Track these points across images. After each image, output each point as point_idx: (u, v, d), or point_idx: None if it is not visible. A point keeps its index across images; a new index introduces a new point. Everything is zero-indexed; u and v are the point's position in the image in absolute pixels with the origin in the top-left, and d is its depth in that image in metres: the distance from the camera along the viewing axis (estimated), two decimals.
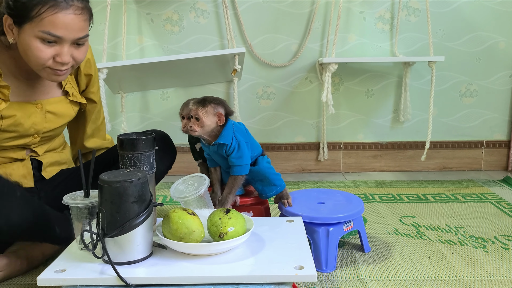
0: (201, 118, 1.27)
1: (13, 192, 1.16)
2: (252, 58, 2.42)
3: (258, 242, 1.10)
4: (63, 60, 1.14)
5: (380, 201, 2.01)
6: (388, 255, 1.45)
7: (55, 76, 1.18)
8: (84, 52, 1.20)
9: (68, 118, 1.39)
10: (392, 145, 2.54)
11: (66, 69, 1.18)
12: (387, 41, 2.43)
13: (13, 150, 1.32)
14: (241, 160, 1.33)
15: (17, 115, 1.25)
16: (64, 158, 1.49)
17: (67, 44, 1.14)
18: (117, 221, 0.95)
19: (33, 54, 1.13)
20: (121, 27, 2.32)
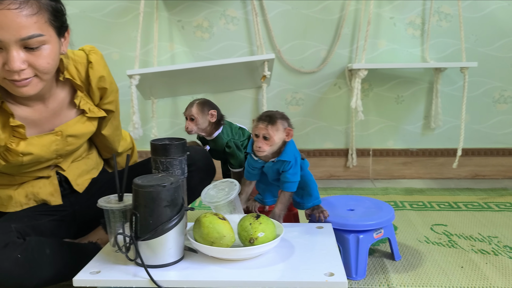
0: (272, 137, 1.21)
1: (43, 252, 1.13)
2: (281, 64, 2.43)
3: (287, 248, 1.10)
4: (12, 67, 0.97)
5: (411, 208, 1.98)
6: (419, 263, 1.43)
7: (17, 88, 1.02)
8: (44, 58, 1.01)
9: (89, 135, 1.33)
10: (422, 152, 2.50)
11: (25, 78, 1.00)
12: (417, 47, 2.40)
13: (39, 171, 1.28)
14: (295, 176, 1.29)
15: (36, 152, 1.19)
16: (90, 164, 1.43)
17: (13, 48, 0.97)
18: (150, 225, 0.97)
19: None
20: (152, 34, 2.36)
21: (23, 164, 1.20)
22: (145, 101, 2.45)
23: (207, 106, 1.47)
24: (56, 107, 1.21)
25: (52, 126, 1.22)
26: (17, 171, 1.24)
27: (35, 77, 1.03)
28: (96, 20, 2.36)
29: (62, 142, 1.24)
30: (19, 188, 1.28)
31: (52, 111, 1.21)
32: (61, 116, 1.23)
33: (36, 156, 1.20)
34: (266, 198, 1.41)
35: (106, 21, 2.38)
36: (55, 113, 1.22)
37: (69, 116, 1.25)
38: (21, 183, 1.28)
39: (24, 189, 1.28)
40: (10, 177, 1.27)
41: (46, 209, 1.31)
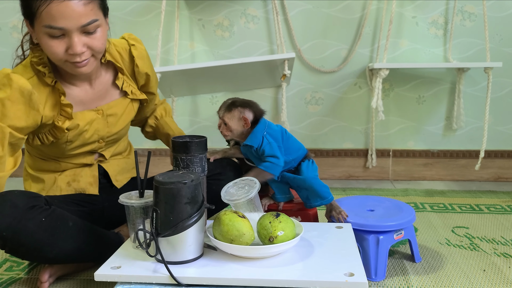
0: (228, 123, 1.31)
1: (66, 223, 1.19)
2: (301, 63, 2.42)
3: (307, 247, 1.09)
4: (75, 51, 1.09)
5: (431, 210, 1.95)
6: (439, 266, 1.41)
7: (77, 68, 1.15)
8: (99, 39, 1.14)
9: (129, 118, 1.41)
10: (444, 153, 2.47)
11: (84, 59, 1.14)
12: (440, 47, 2.36)
13: (82, 156, 1.37)
14: (273, 158, 1.31)
15: (80, 124, 1.27)
16: (130, 163, 1.51)
17: (75, 34, 1.09)
18: (171, 221, 0.98)
19: (48, 51, 1.12)
20: (173, 32, 2.38)
21: (68, 141, 1.27)
22: (165, 99, 2.46)
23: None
24: (101, 89, 1.31)
25: (97, 105, 1.32)
26: (63, 153, 1.31)
27: (91, 57, 1.16)
28: (118, 18, 2.38)
29: (102, 122, 1.32)
30: (62, 174, 1.36)
31: (97, 92, 1.31)
32: (106, 97, 1.33)
33: (79, 131, 1.28)
34: (278, 195, 1.41)
35: (128, 19, 2.40)
36: (100, 94, 1.31)
37: (112, 97, 1.35)
38: (65, 169, 1.37)
39: (67, 176, 1.37)
40: (56, 163, 1.35)
41: (78, 199, 1.37)
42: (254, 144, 1.30)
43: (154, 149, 2.54)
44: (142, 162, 2.12)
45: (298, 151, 1.40)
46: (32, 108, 1.16)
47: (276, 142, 1.32)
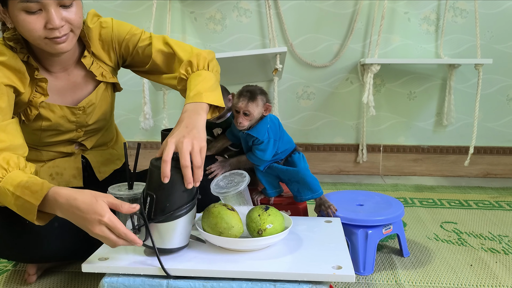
0: (252, 113, 1.28)
1: (51, 224, 1.12)
2: (293, 57, 2.42)
3: (295, 240, 1.10)
4: (54, 24, 1.05)
5: (420, 205, 1.96)
6: (427, 260, 1.42)
7: (56, 45, 1.09)
8: (76, 13, 1.10)
9: (106, 106, 1.34)
10: (434, 149, 2.48)
11: (64, 35, 1.09)
12: (432, 43, 2.37)
13: (62, 144, 1.33)
14: (263, 154, 1.33)
15: (56, 119, 1.24)
16: (115, 154, 1.48)
17: (52, 7, 1.05)
18: (166, 208, 0.96)
19: (25, 28, 1.06)
20: (165, 25, 2.36)
21: (42, 129, 1.23)
22: (156, 92, 2.45)
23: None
24: (76, 78, 1.26)
25: (73, 97, 1.27)
26: (39, 140, 1.27)
27: (70, 32, 1.11)
28: (109, 10, 2.36)
29: (82, 114, 1.28)
30: (45, 165, 1.32)
31: (73, 82, 1.26)
32: (82, 86, 1.27)
33: (55, 124, 1.24)
34: (269, 190, 1.41)
35: (119, 11, 2.38)
36: (75, 84, 1.26)
37: (88, 88, 1.29)
38: (47, 160, 1.32)
39: (50, 168, 1.32)
40: (37, 152, 1.30)
41: None
42: (260, 136, 1.31)
43: (144, 142, 2.53)
44: (131, 155, 2.12)
45: (287, 143, 1.40)
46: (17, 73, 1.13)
47: (274, 135, 1.34)
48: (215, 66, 1.22)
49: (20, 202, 0.94)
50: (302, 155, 1.41)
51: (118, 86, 1.35)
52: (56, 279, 1.30)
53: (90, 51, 1.24)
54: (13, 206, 0.96)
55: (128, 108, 2.46)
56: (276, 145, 1.35)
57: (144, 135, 2.55)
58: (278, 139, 1.36)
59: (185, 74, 1.17)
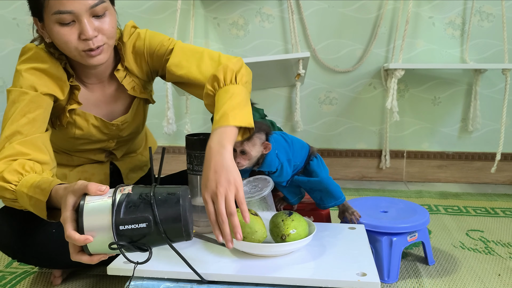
0: (248, 152, 1.17)
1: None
2: (315, 63, 2.41)
3: (319, 246, 1.09)
4: (87, 35, 1.06)
5: (445, 213, 1.93)
6: (453, 269, 1.39)
7: (91, 58, 1.10)
8: (109, 23, 1.10)
9: (139, 120, 1.36)
10: (459, 155, 2.44)
11: (98, 46, 1.09)
12: (457, 47, 2.34)
13: (93, 152, 1.35)
14: (279, 178, 1.27)
15: (89, 129, 1.25)
16: (144, 160, 1.50)
17: (85, 18, 1.05)
18: None
19: (60, 41, 1.08)
20: (188, 31, 2.39)
21: (75, 137, 1.25)
22: (179, 97, 2.47)
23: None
24: (111, 91, 1.27)
25: (108, 109, 1.28)
26: (73, 146, 1.29)
27: (105, 44, 1.11)
28: (134, 16, 2.40)
29: (115, 130, 1.30)
30: (74, 170, 1.34)
31: (108, 95, 1.27)
32: (117, 101, 1.28)
33: (88, 134, 1.25)
34: (291, 199, 1.39)
35: (143, 17, 2.42)
36: (110, 97, 1.27)
37: (123, 101, 1.30)
38: (77, 165, 1.35)
39: (78, 173, 1.35)
40: (68, 157, 1.33)
41: None
42: (273, 168, 1.24)
43: (167, 146, 2.56)
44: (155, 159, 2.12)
45: (301, 150, 1.32)
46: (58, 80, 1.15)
47: (286, 155, 1.27)
48: (243, 76, 1.16)
49: (33, 201, 0.95)
50: (320, 158, 1.35)
51: (150, 99, 1.36)
52: (81, 282, 1.32)
53: (123, 64, 1.24)
54: (30, 206, 0.97)
55: (151, 113, 2.47)
56: (292, 162, 1.28)
57: (167, 140, 2.57)
58: (292, 155, 1.28)
59: (212, 89, 1.14)
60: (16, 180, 0.99)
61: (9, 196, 1.00)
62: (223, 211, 0.91)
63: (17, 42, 2.53)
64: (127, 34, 1.23)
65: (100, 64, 1.13)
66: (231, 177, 0.94)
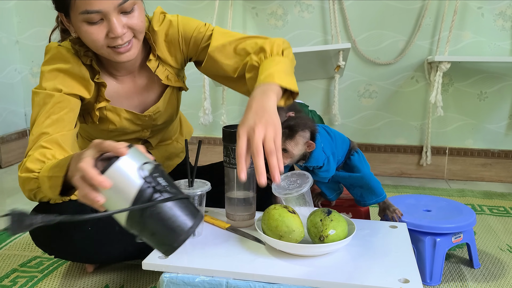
0: (290, 151, 1.13)
1: (112, 230, 1.14)
2: (355, 54, 2.34)
3: (358, 247, 1.04)
4: (116, 33, 1.03)
5: (490, 213, 1.84)
6: (500, 273, 1.32)
7: (119, 55, 1.09)
8: (138, 17, 1.08)
9: (173, 108, 1.34)
10: (505, 153, 2.32)
11: (126, 41, 1.07)
12: (507, 40, 2.22)
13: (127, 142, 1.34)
14: (327, 173, 1.22)
15: (121, 123, 1.25)
16: (179, 147, 1.48)
17: (113, 16, 1.03)
18: None
19: (88, 40, 1.06)
20: (227, 20, 2.36)
21: (109, 131, 1.25)
22: (215, 88, 2.45)
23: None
24: (142, 82, 1.25)
25: (140, 100, 1.26)
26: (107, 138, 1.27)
27: (133, 39, 1.09)
28: (172, 5, 2.39)
29: (148, 120, 1.29)
30: None
31: (139, 86, 1.25)
32: (149, 90, 1.27)
33: (121, 127, 1.25)
34: (329, 195, 1.34)
35: (182, 6, 2.40)
36: (142, 88, 1.26)
37: (155, 91, 1.28)
38: None
39: None
40: None
41: None
42: (319, 163, 1.19)
43: (203, 137, 2.55)
44: (191, 150, 2.11)
45: (343, 145, 1.27)
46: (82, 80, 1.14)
47: (330, 148, 1.22)
48: (290, 54, 1.12)
49: (52, 181, 0.93)
50: (361, 154, 1.29)
51: (184, 86, 1.33)
52: (116, 270, 1.32)
53: (155, 54, 1.22)
54: (48, 190, 0.95)
55: (187, 103, 2.48)
56: (336, 157, 1.24)
57: (203, 131, 2.56)
58: (335, 149, 1.23)
59: (257, 60, 1.09)
60: (39, 168, 0.98)
61: (34, 186, 1.00)
62: (259, 144, 0.86)
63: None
64: (156, 21, 1.20)
65: (129, 60, 1.11)
66: (271, 119, 0.90)
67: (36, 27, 2.62)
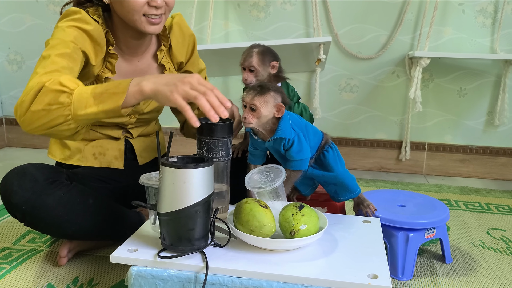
0: (258, 108, 1.10)
1: (86, 200, 1.18)
2: (337, 48, 2.33)
3: (330, 242, 1.04)
4: (157, 3, 1.15)
5: (466, 209, 1.86)
6: (472, 269, 1.33)
7: (150, 25, 1.18)
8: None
9: None
10: (483, 150, 2.35)
11: (160, 14, 1.18)
12: (487, 37, 2.23)
13: (110, 127, 1.36)
14: (301, 154, 1.16)
15: None
16: (155, 143, 1.49)
17: None
18: None
19: (129, 3, 1.14)
20: (208, 11, 2.33)
21: None
22: None
23: (268, 56, 1.30)
24: (144, 66, 1.33)
25: None
26: None
27: (163, 15, 1.20)
28: None
29: None
30: (88, 144, 1.35)
31: (140, 69, 1.32)
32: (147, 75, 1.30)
33: None
34: (304, 191, 1.33)
35: None
36: (142, 71, 1.33)
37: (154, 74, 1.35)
38: (92, 139, 1.36)
39: (94, 147, 1.35)
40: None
41: (103, 176, 1.36)
42: (287, 135, 1.13)
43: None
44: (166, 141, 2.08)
45: (314, 137, 1.23)
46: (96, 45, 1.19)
47: (300, 129, 1.18)
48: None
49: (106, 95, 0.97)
50: (335, 149, 1.25)
51: None
52: (87, 263, 1.30)
53: (167, 45, 1.33)
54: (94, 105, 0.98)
55: None
56: (308, 142, 1.19)
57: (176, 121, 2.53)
58: (306, 133, 1.19)
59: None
60: (74, 87, 0.99)
61: (63, 99, 0.98)
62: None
63: (36, 17, 2.51)
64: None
65: (155, 33, 1.20)
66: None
67: (12, 13, 2.56)
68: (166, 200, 0.92)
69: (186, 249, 0.94)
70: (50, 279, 1.22)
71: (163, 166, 0.92)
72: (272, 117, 1.12)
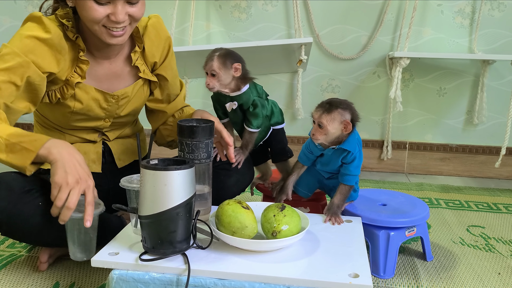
0: (325, 126, 1.16)
1: None
2: (318, 49, 2.35)
3: (312, 241, 1.05)
4: (118, 19, 1.10)
5: (446, 207, 1.89)
6: (452, 266, 1.35)
7: (112, 37, 1.14)
8: (139, 9, 1.14)
9: (139, 102, 1.35)
10: (462, 148, 2.38)
11: (122, 27, 1.13)
12: (465, 37, 2.27)
13: (85, 131, 1.33)
14: (358, 170, 1.24)
15: (88, 101, 1.24)
16: (135, 145, 1.46)
17: (120, 3, 1.10)
18: None
19: (87, 14, 1.10)
20: (189, 12, 2.32)
21: (73, 112, 1.24)
22: None
23: (229, 59, 1.27)
24: (118, 69, 1.28)
25: (109, 86, 1.28)
26: (67, 122, 1.28)
27: (128, 25, 1.15)
28: None
29: (114, 103, 1.29)
30: None
31: (113, 72, 1.28)
32: (120, 78, 1.29)
33: (87, 107, 1.25)
34: (300, 187, 1.34)
35: None
36: (115, 74, 1.28)
37: (127, 81, 1.30)
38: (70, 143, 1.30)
39: None
40: (60, 134, 1.31)
41: None
42: (352, 149, 1.20)
43: None
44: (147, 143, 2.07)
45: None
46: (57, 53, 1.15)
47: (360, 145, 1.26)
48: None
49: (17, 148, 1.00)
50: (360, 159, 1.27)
51: (155, 84, 1.36)
52: (68, 267, 1.29)
53: (141, 46, 1.28)
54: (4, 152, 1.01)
55: None
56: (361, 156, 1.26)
57: None
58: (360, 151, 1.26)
59: None
60: None
61: None
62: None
63: (14, 19, 2.47)
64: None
65: (118, 44, 1.16)
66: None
67: None
68: (147, 203, 0.92)
69: (167, 252, 0.93)
70: (30, 285, 1.21)
71: (144, 168, 0.92)
72: (343, 133, 1.18)
